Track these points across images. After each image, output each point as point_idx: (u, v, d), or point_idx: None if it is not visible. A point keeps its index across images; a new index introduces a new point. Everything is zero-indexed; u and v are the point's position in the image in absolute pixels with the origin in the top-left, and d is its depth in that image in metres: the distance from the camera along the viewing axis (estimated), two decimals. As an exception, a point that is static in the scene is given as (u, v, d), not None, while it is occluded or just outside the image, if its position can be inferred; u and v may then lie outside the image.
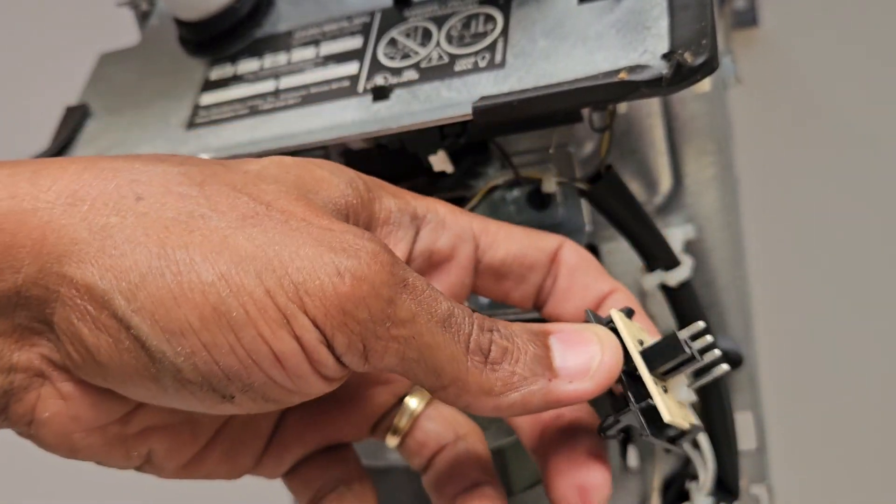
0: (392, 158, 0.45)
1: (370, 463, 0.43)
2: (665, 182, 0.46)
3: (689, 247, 0.46)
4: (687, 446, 0.45)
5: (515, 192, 0.48)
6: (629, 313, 0.31)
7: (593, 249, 0.48)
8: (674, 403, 0.29)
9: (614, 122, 0.40)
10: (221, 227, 0.25)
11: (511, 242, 0.33)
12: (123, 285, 0.24)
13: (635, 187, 0.46)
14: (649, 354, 0.29)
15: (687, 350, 0.29)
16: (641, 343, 0.30)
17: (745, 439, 0.49)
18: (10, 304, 0.25)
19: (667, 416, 0.28)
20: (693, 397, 0.30)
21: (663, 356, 0.29)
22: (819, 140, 0.81)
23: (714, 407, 0.43)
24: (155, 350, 0.25)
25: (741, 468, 0.45)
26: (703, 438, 0.43)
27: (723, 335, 0.48)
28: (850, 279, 0.84)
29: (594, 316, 0.30)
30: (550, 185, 0.42)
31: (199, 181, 0.26)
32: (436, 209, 0.32)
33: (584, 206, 0.47)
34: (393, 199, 0.31)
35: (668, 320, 0.43)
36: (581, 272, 0.34)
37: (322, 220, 0.26)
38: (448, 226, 0.32)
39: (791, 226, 0.83)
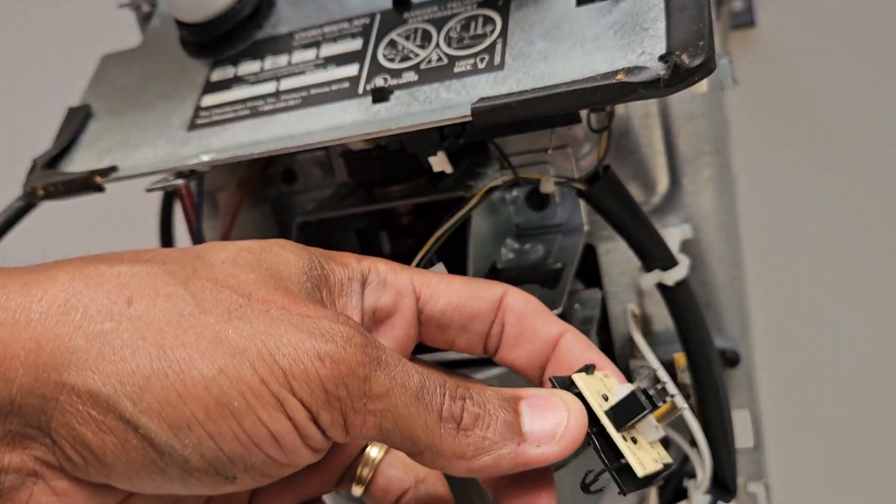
0: (392, 159, 0.45)
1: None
2: (662, 182, 0.46)
3: (687, 246, 0.46)
4: (685, 445, 0.46)
5: (514, 193, 0.48)
6: (589, 369, 0.32)
7: (591, 249, 0.48)
8: (645, 448, 0.31)
9: (612, 122, 0.41)
10: (211, 322, 0.27)
11: (451, 294, 0.34)
12: (128, 389, 0.26)
13: (633, 187, 0.46)
14: (614, 414, 0.31)
15: (648, 405, 0.30)
16: (606, 398, 0.31)
17: (742, 437, 0.50)
18: (3, 412, 0.26)
19: (640, 472, 0.30)
20: (661, 434, 0.31)
21: (627, 414, 0.31)
22: (816, 140, 0.81)
23: (711, 405, 0.43)
24: (163, 445, 0.26)
25: (738, 466, 0.45)
26: (700, 437, 0.43)
27: (720, 334, 0.49)
28: (846, 278, 0.84)
29: (557, 381, 0.32)
30: (549, 186, 0.42)
31: (182, 279, 0.28)
32: (377, 268, 0.34)
33: (583, 206, 0.47)
34: (342, 269, 0.33)
35: (666, 319, 0.44)
36: (529, 318, 0.35)
37: (299, 306, 0.28)
38: (389, 283, 0.34)
39: (788, 225, 0.83)
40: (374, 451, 0.36)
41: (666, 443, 0.47)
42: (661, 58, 0.33)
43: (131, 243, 0.32)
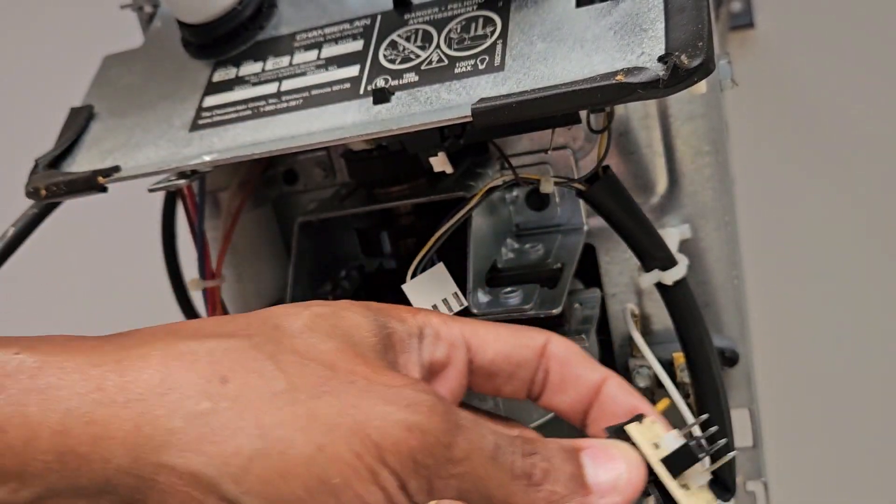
0: (392, 160, 0.45)
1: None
2: (661, 183, 0.47)
3: (686, 246, 0.47)
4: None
5: (514, 193, 0.49)
6: (640, 419, 0.34)
7: (591, 249, 0.49)
8: (696, 494, 0.33)
9: (612, 123, 0.41)
10: (303, 399, 0.28)
11: (499, 343, 0.35)
12: (231, 470, 0.27)
13: (632, 188, 0.46)
14: (668, 464, 0.32)
15: (701, 455, 0.32)
16: (656, 446, 0.33)
17: (741, 437, 0.50)
18: (97, 490, 0.27)
19: None
20: (708, 477, 0.33)
21: (681, 464, 0.32)
22: (814, 141, 0.81)
23: (710, 405, 0.43)
24: None
25: (737, 465, 0.46)
26: (699, 436, 0.43)
27: (719, 334, 0.49)
28: (845, 278, 0.84)
29: (612, 431, 0.34)
30: (549, 186, 0.42)
31: (269, 353, 0.29)
32: (430, 322, 0.34)
33: (582, 206, 0.48)
34: (401, 325, 0.34)
35: (665, 319, 0.44)
36: (572, 364, 0.36)
37: (380, 375, 0.30)
38: (442, 336, 0.34)
39: (786, 225, 0.84)
40: None
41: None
42: (661, 59, 0.33)
43: (133, 243, 0.33)
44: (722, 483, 0.45)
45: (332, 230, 0.51)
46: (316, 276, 0.49)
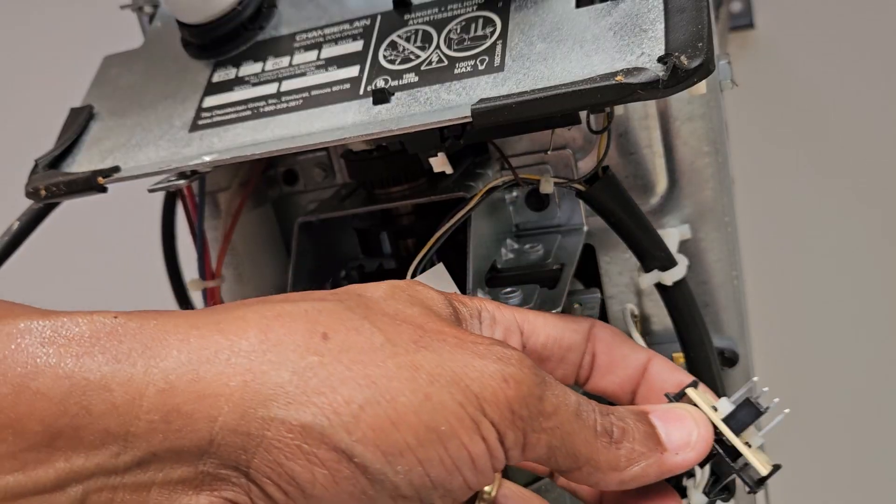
0: (392, 160, 0.45)
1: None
2: (661, 183, 0.47)
3: (685, 246, 0.47)
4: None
5: (514, 193, 0.49)
6: (695, 384, 0.35)
7: (591, 249, 0.49)
8: (756, 452, 0.34)
9: (611, 123, 0.41)
10: (402, 352, 0.28)
11: (549, 328, 0.36)
12: (343, 419, 0.26)
13: (632, 188, 0.46)
14: (731, 421, 0.34)
15: (761, 409, 0.33)
16: (715, 409, 0.34)
17: (741, 437, 0.50)
18: (199, 452, 0.26)
19: (763, 471, 0.33)
20: (762, 440, 0.34)
21: (745, 420, 0.34)
22: (814, 141, 0.81)
23: (710, 405, 0.43)
24: (377, 473, 0.27)
25: (737, 465, 0.46)
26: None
27: (718, 334, 0.49)
28: (844, 278, 0.84)
29: (674, 397, 0.35)
30: (548, 186, 0.42)
31: (362, 314, 0.29)
32: (486, 307, 0.35)
33: (582, 206, 0.48)
34: (463, 306, 0.34)
35: (665, 319, 0.44)
36: (616, 347, 0.37)
37: (465, 335, 0.30)
38: (498, 320, 0.35)
39: (786, 226, 0.84)
40: (486, 487, 0.36)
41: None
42: (660, 59, 0.33)
43: (133, 243, 0.33)
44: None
45: (332, 230, 0.51)
46: (316, 276, 0.49)
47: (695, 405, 0.34)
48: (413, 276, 0.41)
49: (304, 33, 0.43)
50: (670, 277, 0.41)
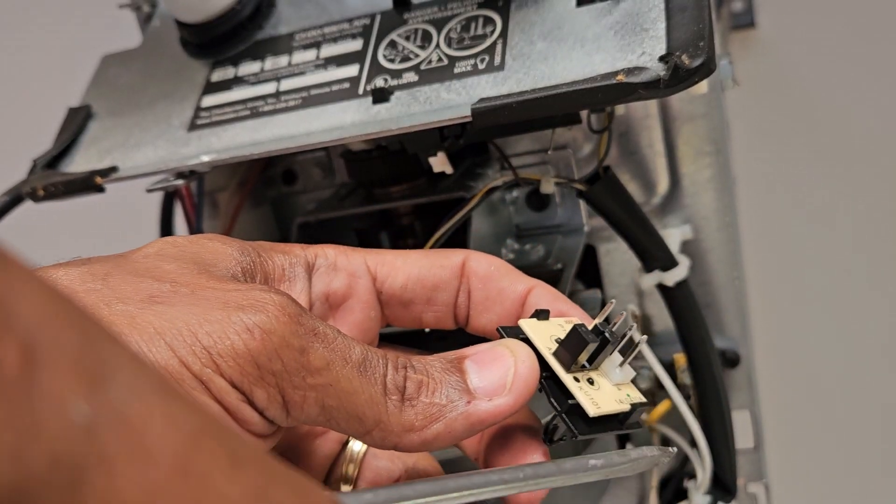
0: (392, 160, 0.45)
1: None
2: (663, 183, 0.46)
3: (687, 247, 0.46)
4: (685, 445, 0.46)
5: (514, 193, 0.48)
6: (543, 314, 0.30)
7: (591, 250, 0.48)
8: (609, 390, 0.29)
9: (612, 123, 0.41)
10: (129, 310, 0.25)
11: (409, 267, 0.33)
12: None
13: (633, 188, 0.46)
14: (561, 354, 0.29)
15: (593, 339, 0.28)
16: (559, 341, 0.29)
17: (742, 438, 0.49)
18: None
19: (592, 411, 0.28)
20: (631, 374, 0.30)
21: (573, 351, 0.29)
22: (816, 141, 0.81)
23: (711, 406, 0.43)
24: None
25: (738, 467, 0.45)
26: (700, 437, 0.43)
27: (720, 335, 0.49)
28: (846, 279, 0.84)
29: (506, 331, 0.30)
30: (549, 186, 0.42)
31: (102, 275, 0.27)
32: (325, 253, 0.32)
33: (583, 206, 0.47)
34: (282, 255, 0.31)
35: (667, 320, 0.44)
36: (494, 279, 0.33)
37: (223, 285, 0.27)
38: (340, 266, 0.32)
39: (788, 226, 0.83)
40: (356, 446, 0.34)
41: (665, 443, 0.47)
42: (662, 58, 0.33)
43: (132, 243, 0.32)
44: (723, 484, 0.45)
45: (331, 230, 0.50)
46: (315, 276, 0.49)
47: (527, 340, 0.29)
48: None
49: (303, 32, 0.43)
50: (672, 278, 0.41)
